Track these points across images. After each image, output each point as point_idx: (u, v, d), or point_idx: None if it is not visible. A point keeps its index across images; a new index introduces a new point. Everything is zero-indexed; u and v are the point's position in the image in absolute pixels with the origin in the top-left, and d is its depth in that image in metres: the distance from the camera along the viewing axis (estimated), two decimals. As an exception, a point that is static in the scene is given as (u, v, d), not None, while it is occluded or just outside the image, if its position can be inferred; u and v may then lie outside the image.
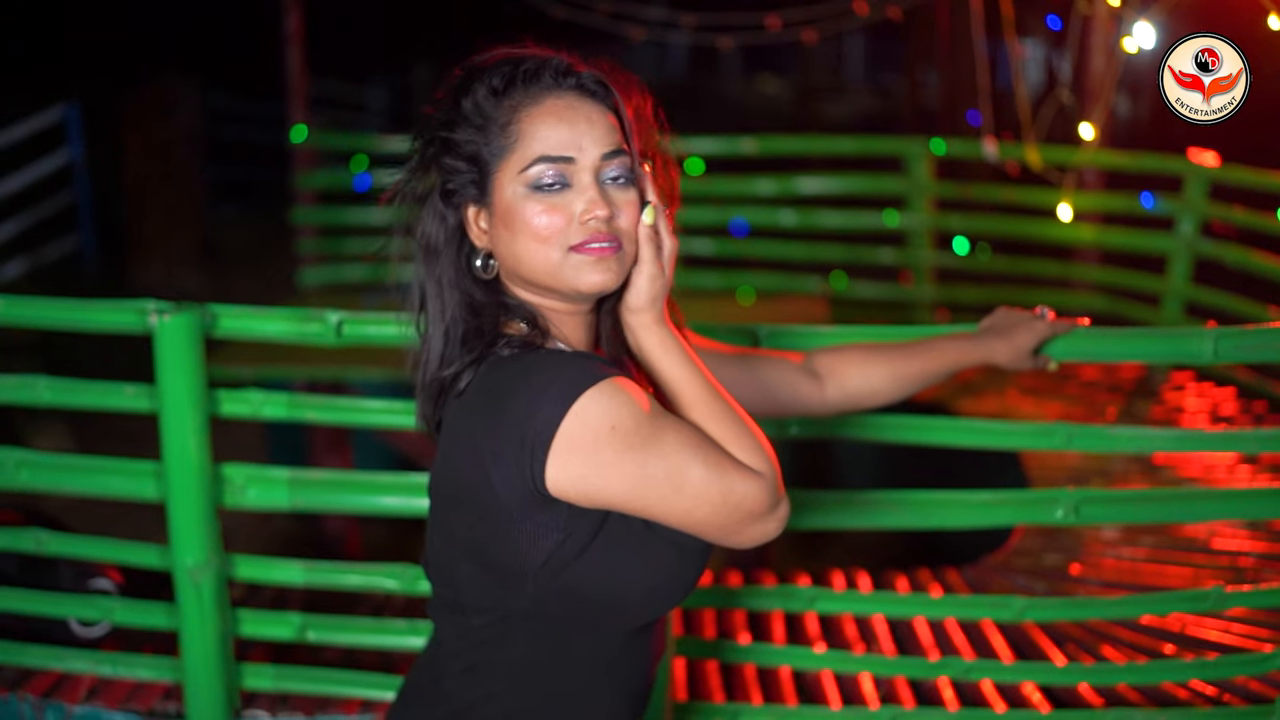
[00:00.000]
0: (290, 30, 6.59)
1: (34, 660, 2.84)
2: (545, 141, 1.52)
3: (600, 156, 1.53)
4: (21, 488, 2.71)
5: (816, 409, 2.08)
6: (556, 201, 1.52)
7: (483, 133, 1.55)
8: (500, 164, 1.54)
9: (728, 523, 1.47)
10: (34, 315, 2.63)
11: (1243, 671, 2.66)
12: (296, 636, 2.74)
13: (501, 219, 1.54)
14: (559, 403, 1.42)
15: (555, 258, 1.52)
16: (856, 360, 2.09)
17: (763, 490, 1.48)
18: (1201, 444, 2.59)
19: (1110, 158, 5.89)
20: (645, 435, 1.43)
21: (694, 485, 1.45)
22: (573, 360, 1.48)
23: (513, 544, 1.48)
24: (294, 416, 2.63)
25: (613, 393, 1.43)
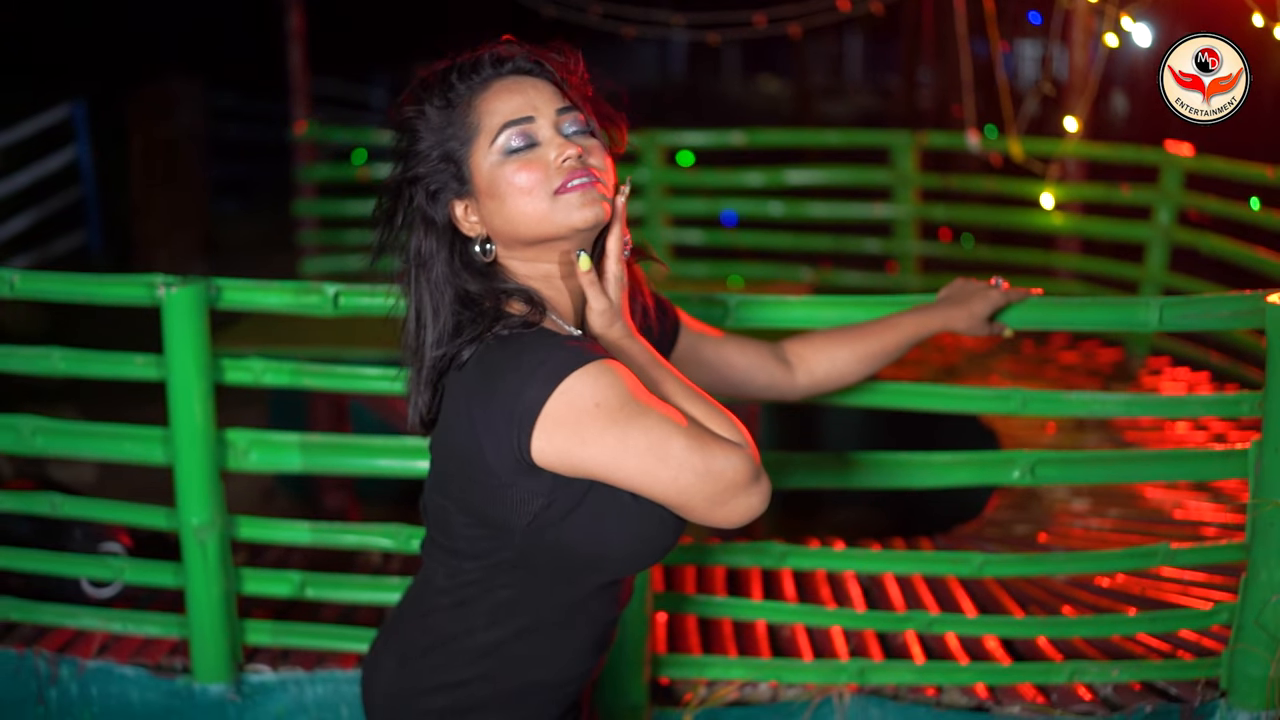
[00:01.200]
0: (292, 28, 6.76)
1: (49, 618, 2.99)
2: (503, 112, 1.67)
3: (555, 112, 1.69)
4: (38, 453, 2.87)
5: (789, 394, 2.25)
6: (530, 158, 1.67)
7: (445, 131, 1.70)
8: (471, 148, 1.69)
9: (713, 493, 1.57)
10: (51, 289, 2.78)
11: (1186, 625, 2.82)
12: (296, 593, 2.90)
13: (487, 193, 1.68)
14: (546, 382, 1.54)
15: (544, 206, 1.65)
16: (822, 346, 2.26)
17: (743, 460, 1.59)
18: (1150, 408, 2.73)
19: (1090, 149, 6.04)
20: (630, 411, 1.55)
21: (676, 455, 1.55)
22: (564, 345, 1.59)
23: (502, 505, 1.63)
24: (294, 384, 2.78)
25: (599, 373, 1.55)
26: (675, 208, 6.76)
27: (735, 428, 1.64)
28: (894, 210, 6.45)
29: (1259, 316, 2.51)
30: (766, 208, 6.73)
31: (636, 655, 2.75)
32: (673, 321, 2.09)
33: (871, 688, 2.81)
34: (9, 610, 3.01)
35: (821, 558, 2.80)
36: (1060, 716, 2.75)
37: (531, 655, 1.77)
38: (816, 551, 2.80)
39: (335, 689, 2.91)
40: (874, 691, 2.81)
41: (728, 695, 2.83)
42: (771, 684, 2.83)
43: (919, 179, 6.42)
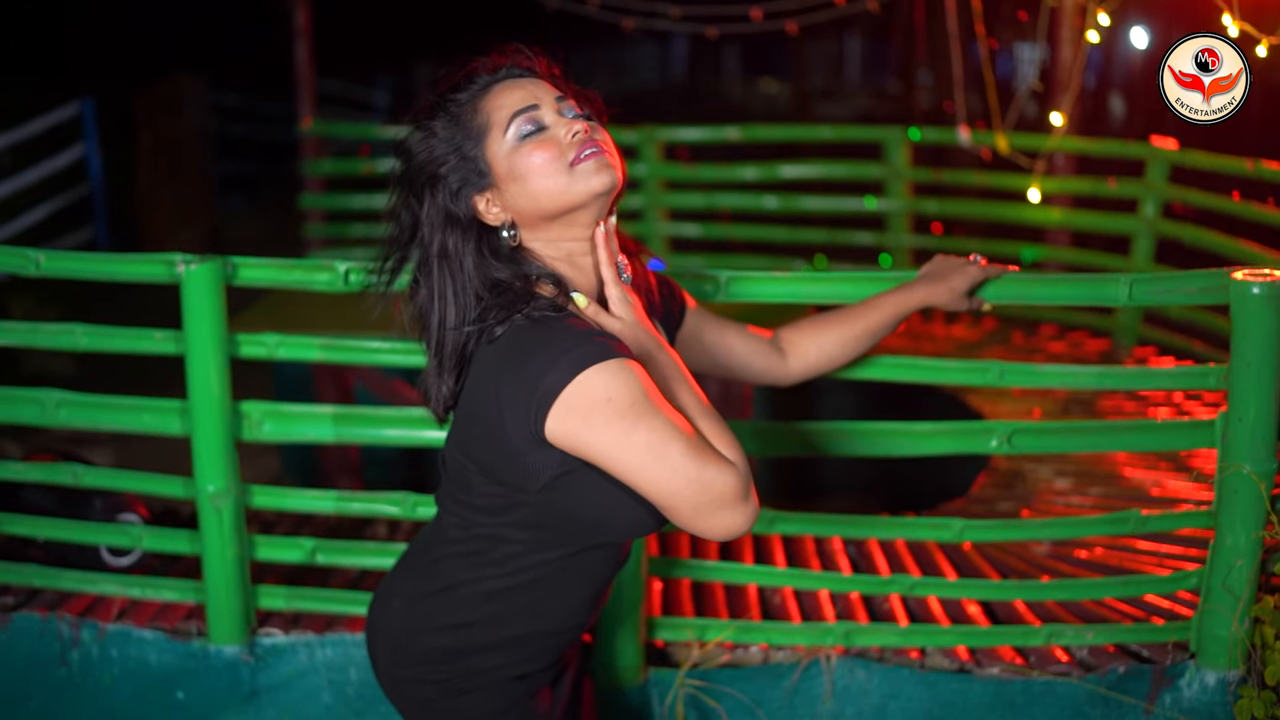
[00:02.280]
0: (299, 26, 6.89)
1: (70, 584, 3.13)
2: (509, 105, 1.83)
3: (555, 100, 1.85)
4: (61, 425, 3.00)
5: (784, 379, 2.40)
6: (542, 139, 1.81)
7: (456, 136, 1.84)
8: (485, 143, 1.83)
9: (700, 501, 1.69)
10: (75, 268, 2.92)
11: (1157, 589, 2.95)
12: (307, 559, 3.03)
13: (508, 177, 1.82)
14: (569, 370, 1.67)
15: (563, 179, 1.80)
16: (811, 333, 2.41)
17: (736, 478, 1.70)
18: (1122, 380, 2.86)
19: (1078, 143, 6.18)
20: (638, 410, 1.67)
21: (672, 459, 1.67)
22: (593, 339, 1.72)
23: (516, 470, 1.77)
24: (305, 357, 2.92)
25: (617, 369, 1.68)
26: (672, 201, 6.91)
27: (737, 448, 1.76)
28: (886, 204, 6.59)
29: (1224, 293, 2.65)
30: (761, 201, 6.87)
31: (632, 618, 2.88)
32: (679, 304, 2.23)
33: (857, 650, 2.95)
34: (32, 577, 3.15)
35: (809, 523, 2.93)
36: (1038, 677, 2.88)
37: (533, 605, 1.90)
38: (804, 516, 2.93)
39: (345, 651, 3.04)
40: (860, 653, 2.94)
41: (719, 657, 2.96)
42: (762, 646, 2.97)
43: (911, 174, 6.55)
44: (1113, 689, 2.87)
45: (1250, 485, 2.68)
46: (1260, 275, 2.61)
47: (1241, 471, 2.67)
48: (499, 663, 1.91)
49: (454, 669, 1.91)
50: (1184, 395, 4.82)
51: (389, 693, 2.00)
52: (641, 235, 6.80)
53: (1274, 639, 2.75)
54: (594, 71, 21.74)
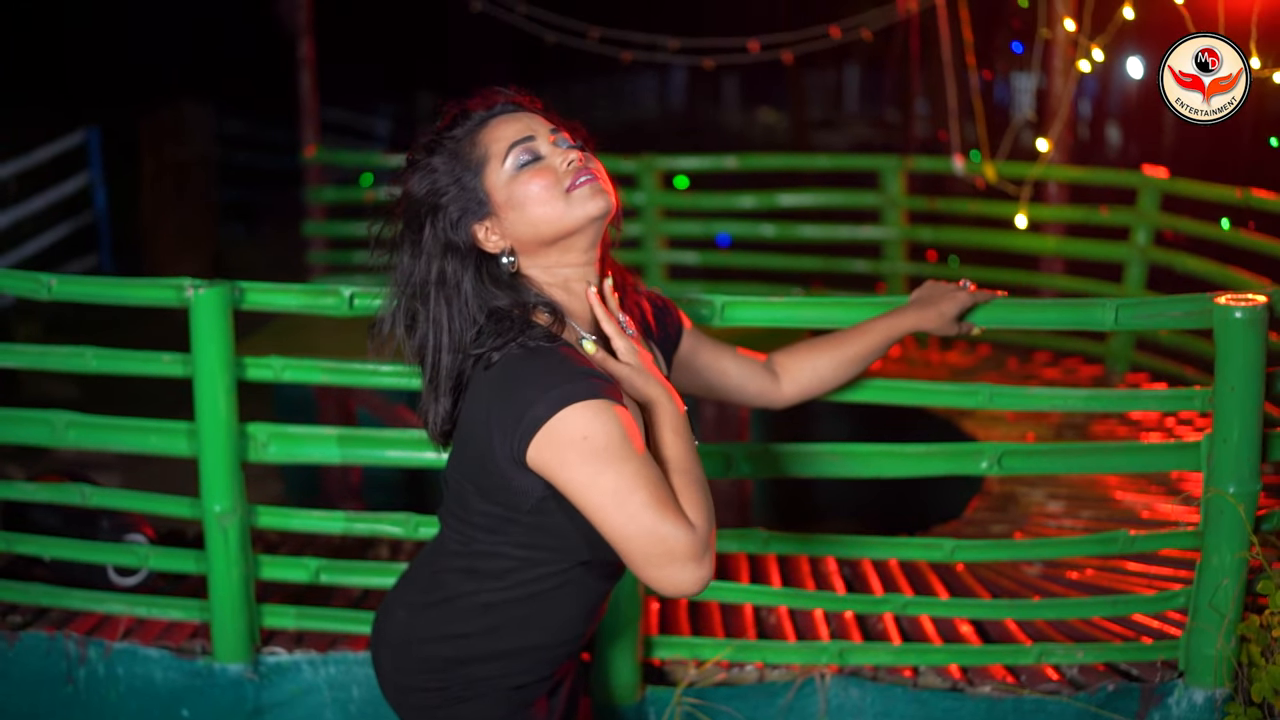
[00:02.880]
0: (303, 56, 6.99)
1: (77, 603, 3.19)
2: (506, 137, 1.91)
3: (549, 131, 1.93)
4: (70, 446, 3.07)
5: (777, 402, 2.47)
6: (539, 168, 1.89)
7: (455, 169, 1.91)
8: (484, 172, 1.91)
9: (651, 553, 1.73)
10: (87, 292, 2.99)
11: (1146, 609, 3.00)
12: (311, 579, 3.09)
13: (507, 205, 1.90)
14: (553, 405, 1.74)
15: (560, 205, 1.87)
16: (804, 357, 2.47)
17: (691, 539, 1.73)
18: (1109, 402, 2.92)
19: (1069, 172, 6.26)
20: (611, 454, 1.73)
21: (633, 507, 1.72)
22: (583, 376, 1.77)
23: (507, 491, 1.85)
24: (310, 380, 2.98)
25: (597, 411, 1.74)
26: (671, 230, 6.99)
27: (706, 512, 1.78)
28: (882, 232, 6.67)
29: (1207, 317, 2.71)
30: (759, 229, 6.95)
31: (629, 636, 2.93)
32: (676, 326, 2.29)
33: (851, 668, 3.00)
34: (40, 596, 3.20)
35: (803, 543, 2.99)
36: (1029, 695, 2.93)
37: (530, 618, 1.97)
38: (798, 537, 2.98)
39: (347, 670, 3.09)
40: (854, 672, 2.99)
41: (715, 675, 3.01)
42: (757, 665, 3.02)
43: (907, 202, 6.63)
44: (1103, 707, 2.92)
45: (1235, 506, 2.73)
46: (1242, 300, 2.68)
47: (1226, 491, 2.73)
48: (497, 672, 1.97)
49: (453, 677, 1.97)
50: (1176, 421, 4.88)
51: (391, 699, 2.06)
52: (640, 263, 6.88)
53: (1260, 657, 2.81)
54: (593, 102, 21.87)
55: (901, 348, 6.30)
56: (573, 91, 20.27)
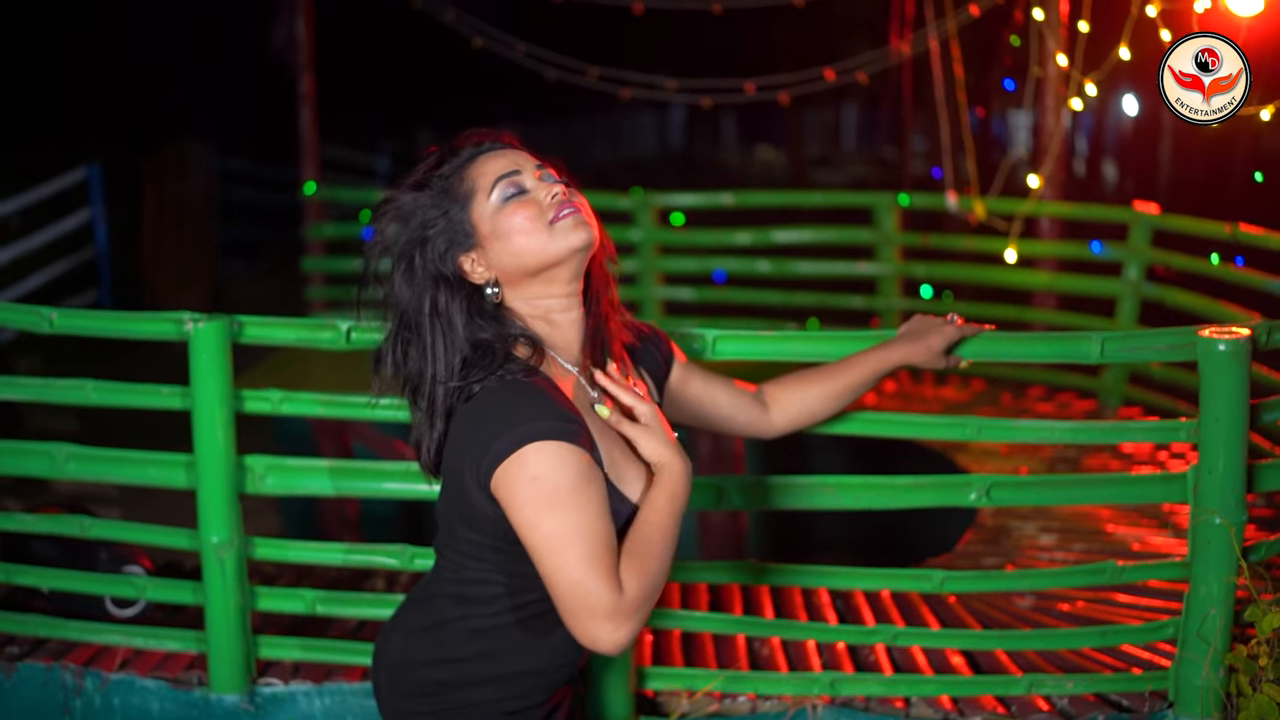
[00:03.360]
0: (304, 93, 7.08)
1: (75, 634, 3.21)
2: (493, 171, 1.97)
3: (534, 167, 1.99)
4: (70, 478, 3.10)
5: (767, 432, 2.50)
6: (524, 201, 1.95)
7: (444, 202, 1.96)
8: (470, 206, 1.96)
9: (571, 605, 1.79)
10: (87, 325, 3.03)
11: (1132, 640, 3.03)
12: (307, 610, 3.11)
13: (492, 237, 1.95)
14: (515, 442, 1.80)
15: (543, 236, 1.92)
16: (794, 388, 2.51)
17: (612, 603, 1.78)
18: (1096, 434, 2.96)
19: (1061, 208, 6.33)
20: (556, 501, 1.78)
21: (564, 557, 1.78)
22: (551, 415, 1.82)
23: (483, 519, 1.89)
24: (308, 413, 3.02)
25: (552, 454, 1.79)
26: (667, 266, 7.04)
27: (646, 586, 1.81)
28: (877, 268, 6.73)
29: (1192, 350, 2.75)
30: (755, 266, 7.01)
31: (622, 667, 2.96)
32: (667, 355, 2.33)
33: (843, 699, 3.02)
34: (38, 627, 3.23)
35: (795, 574, 3.02)
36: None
37: (520, 643, 2.00)
38: (790, 568, 3.01)
39: (342, 700, 3.11)
40: (845, 703, 3.01)
41: (708, 706, 3.03)
42: (750, 695, 3.04)
43: (901, 238, 6.69)
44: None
45: (1222, 535, 2.76)
46: (1226, 333, 2.72)
47: (1213, 522, 2.76)
48: (491, 697, 2.00)
49: (448, 700, 2.00)
50: (1169, 455, 4.92)
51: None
52: (636, 299, 6.94)
53: (1248, 686, 2.83)
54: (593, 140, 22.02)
55: (896, 383, 6.35)
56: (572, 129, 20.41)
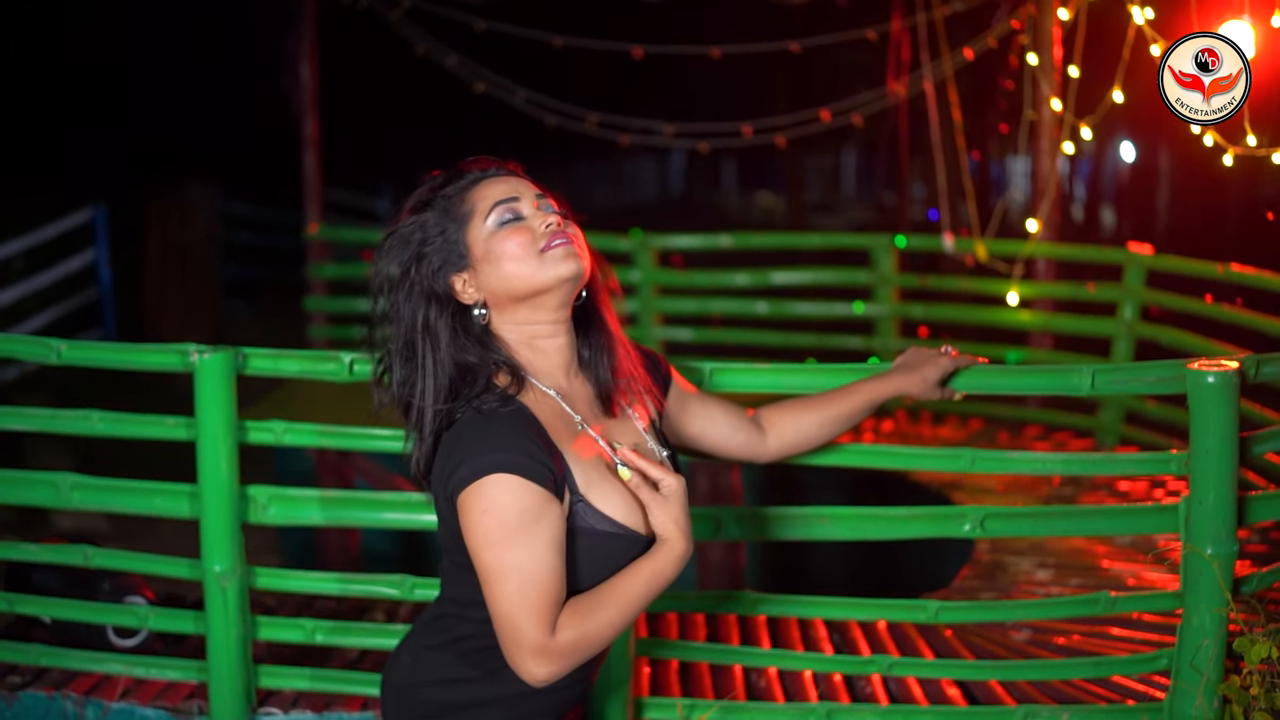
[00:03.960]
0: (308, 135, 7.17)
1: (76, 664, 3.23)
2: (492, 196, 2.03)
3: (534, 196, 2.04)
4: (75, 507, 3.14)
5: (762, 456, 2.53)
6: (518, 227, 2.00)
7: (443, 221, 2.02)
8: (468, 226, 2.02)
9: (501, 632, 1.87)
10: (95, 357, 3.08)
11: (1126, 670, 3.05)
12: (307, 639, 3.13)
13: (484, 260, 2.00)
14: (475, 472, 1.86)
15: (533, 264, 1.97)
16: (791, 414, 2.54)
17: (536, 643, 1.85)
18: (1088, 465, 3.00)
19: (1056, 249, 6.40)
20: (502, 536, 1.84)
21: (499, 590, 1.85)
22: (514, 448, 1.86)
23: (460, 541, 1.93)
24: (311, 443, 3.06)
25: (506, 489, 1.84)
26: (666, 307, 7.11)
27: (586, 638, 1.87)
28: (874, 309, 6.79)
29: (1181, 382, 2.80)
30: (753, 307, 7.07)
31: (620, 697, 2.97)
32: (664, 378, 2.37)
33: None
34: (40, 656, 3.25)
35: (791, 604, 3.04)
36: (1015, 758, 2.97)
37: None
38: (786, 598, 3.04)
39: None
40: (842, 733, 3.03)
41: (706, 737, 3.05)
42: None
43: (898, 279, 6.76)
44: (1087, 768, 2.95)
45: (1213, 567, 2.79)
46: (1215, 365, 2.77)
47: (1204, 553, 2.79)
48: (497, 717, 2.02)
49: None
50: (1164, 492, 4.95)
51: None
52: (635, 339, 6.97)
53: (1242, 716, 2.85)
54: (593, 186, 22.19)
55: (894, 422, 6.39)
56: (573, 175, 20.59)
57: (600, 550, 1.93)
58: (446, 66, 7.48)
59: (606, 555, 1.94)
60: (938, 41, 6.65)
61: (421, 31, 7.41)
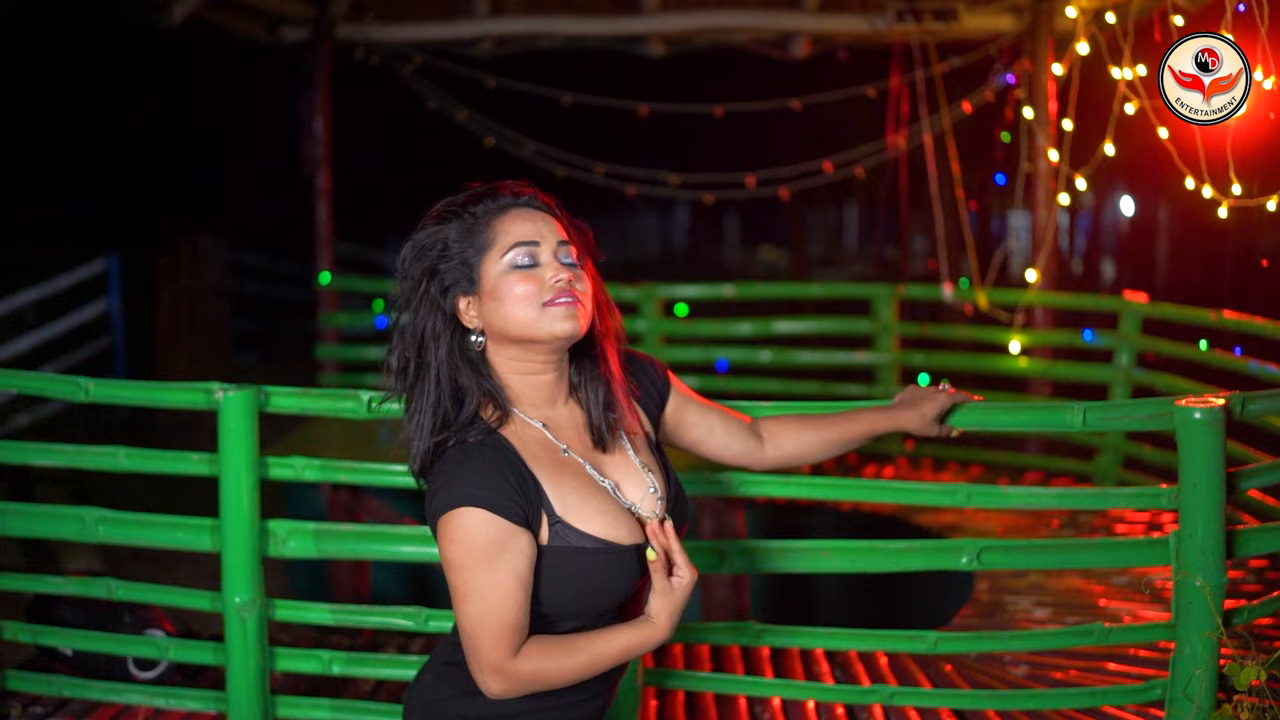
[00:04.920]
0: (320, 187, 7.34)
1: (98, 695, 3.32)
2: (515, 233, 2.10)
3: (556, 243, 2.12)
4: (100, 540, 3.24)
5: (758, 464, 2.59)
6: (530, 274, 2.08)
7: (465, 241, 2.11)
8: (484, 256, 2.10)
9: (465, 645, 1.98)
10: (122, 395, 3.20)
11: (1122, 700, 3.13)
12: (324, 670, 3.22)
13: (490, 294, 2.10)
14: (447, 503, 1.96)
15: (534, 314, 2.06)
16: (792, 427, 2.62)
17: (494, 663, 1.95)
18: (1080, 500, 3.10)
19: (1054, 298, 6.53)
20: (468, 563, 1.95)
21: (463, 609, 1.96)
22: (486, 484, 1.97)
23: None
24: (328, 479, 3.17)
25: (474, 521, 1.95)
26: (671, 355, 7.23)
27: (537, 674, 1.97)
28: (875, 357, 6.91)
29: (1169, 419, 2.91)
30: (756, 355, 7.19)
31: (628, 728, 3.06)
32: (663, 384, 2.43)
33: (842, 760, 3.12)
34: (63, 687, 3.33)
35: (793, 635, 3.13)
36: (1013, 787, 3.04)
37: None
38: (789, 629, 3.13)
39: (357, 760, 3.20)
40: (844, 763, 3.11)
41: (712, 766, 3.13)
42: (751, 756, 3.14)
43: (899, 328, 6.88)
44: (1083, 796, 3.03)
45: (1202, 597, 2.89)
46: (1202, 402, 2.88)
47: (1194, 583, 2.89)
48: None
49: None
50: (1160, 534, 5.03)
51: None
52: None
53: (1233, 745, 2.93)
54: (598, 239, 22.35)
55: (895, 468, 6.48)
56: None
57: (585, 564, 2.01)
58: (458, 120, 7.66)
59: (591, 568, 2.01)
60: (936, 96, 6.82)
61: (433, 86, 7.59)
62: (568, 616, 2.05)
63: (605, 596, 2.05)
